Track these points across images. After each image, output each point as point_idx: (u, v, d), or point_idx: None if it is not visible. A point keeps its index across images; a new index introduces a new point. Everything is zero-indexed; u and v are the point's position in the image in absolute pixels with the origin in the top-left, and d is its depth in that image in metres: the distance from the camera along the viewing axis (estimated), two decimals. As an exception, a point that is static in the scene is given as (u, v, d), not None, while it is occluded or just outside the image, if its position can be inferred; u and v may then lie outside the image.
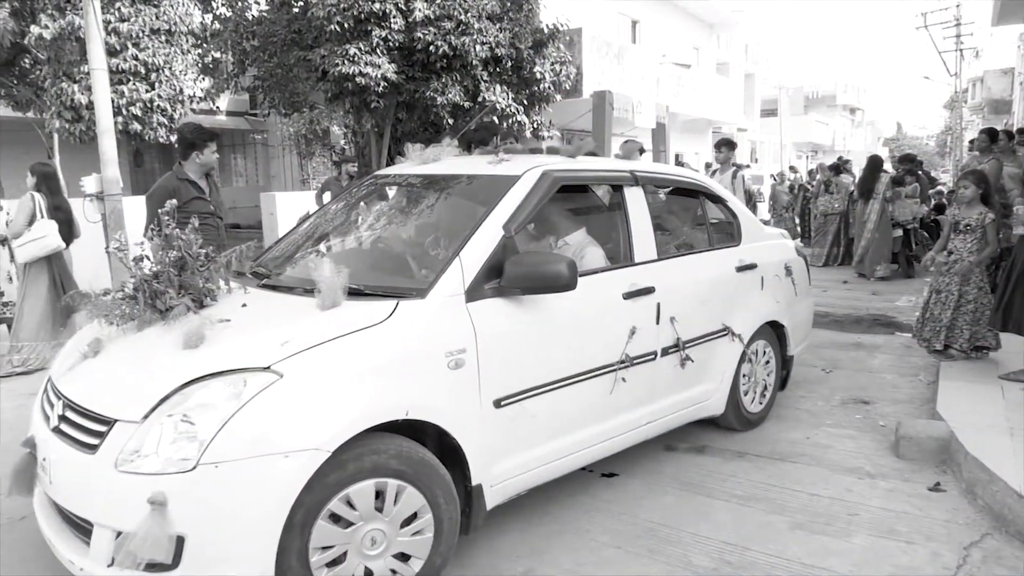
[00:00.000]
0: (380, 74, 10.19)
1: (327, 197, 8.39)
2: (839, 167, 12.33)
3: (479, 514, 2.75)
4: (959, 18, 30.87)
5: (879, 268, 10.02)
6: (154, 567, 2.10)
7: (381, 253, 3.45)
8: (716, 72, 25.02)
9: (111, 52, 10.60)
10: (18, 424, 4.05)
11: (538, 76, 11.75)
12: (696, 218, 4.27)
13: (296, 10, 11.55)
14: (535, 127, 12.45)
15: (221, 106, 16.20)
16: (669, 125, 18.45)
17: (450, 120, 10.81)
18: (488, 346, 2.69)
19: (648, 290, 3.38)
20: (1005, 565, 2.83)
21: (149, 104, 11.72)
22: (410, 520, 2.47)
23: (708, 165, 17.04)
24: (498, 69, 11.28)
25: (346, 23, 10.01)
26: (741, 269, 4.09)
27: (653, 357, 3.43)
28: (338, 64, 10.10)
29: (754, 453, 3.96)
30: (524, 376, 2.85)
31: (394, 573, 2.47)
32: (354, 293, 2.65)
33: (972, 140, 10.92)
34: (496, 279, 2.78)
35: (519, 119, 11.73)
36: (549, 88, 12.09)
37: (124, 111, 11.31)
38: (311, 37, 10.96)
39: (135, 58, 11.34)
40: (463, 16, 10.46)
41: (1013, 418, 3.97)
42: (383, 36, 10.21)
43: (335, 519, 2.30)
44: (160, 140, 12.14)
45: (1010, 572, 2.78)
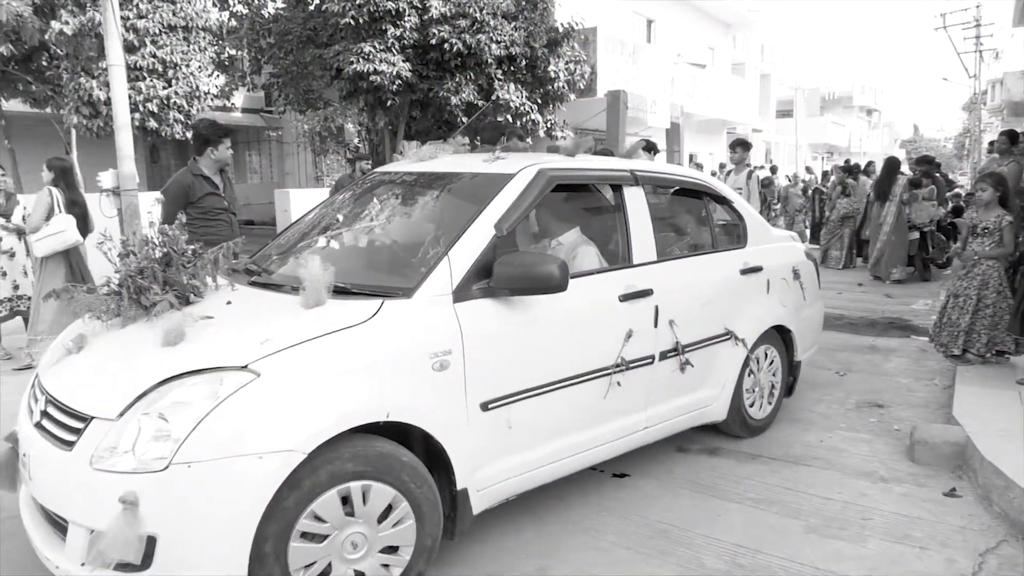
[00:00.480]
0: (395, 71, 10.21)
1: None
2: (851, 169, 12.23)
3: (465, 519, 2.68)
4: (979, 19, 30.50)
5: (895, 271, 9.93)
6: (126, 567, 2.07)
7: (372, 252, 3.40)
8: (731, 72, 24.92)
9: (129, 48, 10.69)
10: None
11: (552, 75, 11.74)
12: (700, 219, 4.15)
13: (312, 8, 11.60)
14: (549, 126, 12.44)
15: (237, 103, 16.29)
16: (683, 125, 18.39)
17: (464, 119, 10.82)
18: (475, 348, 2.63)
19: (646, 292, 3.30)
20: (1021, 573, 2.79)
21: (166, 100, 11.81)
22: (386, 514, 2.42)
23: (722, 166, 16.98)
24: (512, 68, 11.29)
25: (361, 19, 10.04)
26: (746, 272, 3.98)
27: (650, 361, 3.35)
28: (353, 62, 10.13)
29: (768, 456, 3.93)
30: (513, 379, 2.79)
31: (386, 568, 2.45)
32: (342, 292, 2.62)
33: (991, 142, 10.77)
34: (486, 279, 2.73)
35: (533, 118, 11.72)
36: (563, 87, 12.09)
37: (141, 107, 11.41)
38: (326, 35, 11.01)
39: (152, 55, 11.44)
40: (478, 14, 10.47)
41: (1031, 424, 3.92)
42: (398, 35, 10.23)
43: (309, 533, 2.26)
44: (176, 136, 12.24)
45: (1027, 580, 2.75)
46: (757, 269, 4.05)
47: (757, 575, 2.78)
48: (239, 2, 12.90)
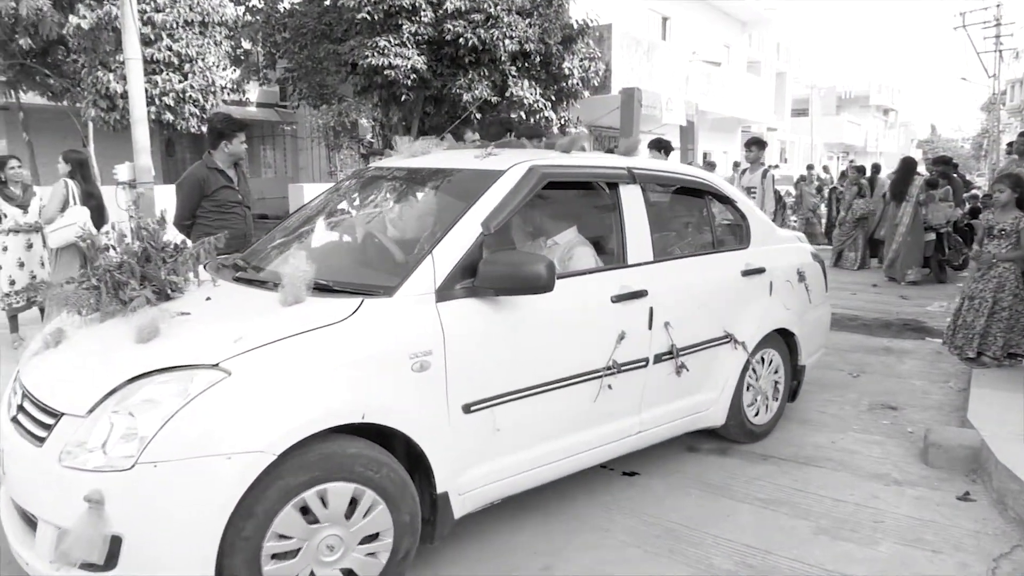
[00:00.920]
0: (409, 65, 10.22)
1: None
2: (862, 169, 12.12)
3: (445, 523, 2.62)
4: (999, 18, 30.16)
5: (910, 272, 9.84)
6: (92, 567, 2.04)
7: (357, 249, 3.34)
8: (747, 70, 24.76)
9: (146, 42, 10.77)
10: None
11: (566, 72, 11.72)
12: (700, 219, 4.04)
13: (327, 3, 11.63)
14: (562, 123, 12.42)
15: (251, 97, 16.37)
16: (698, 123, 18.30)
17: (477, 115, 10.82)
18: (457, 348, 2.57)
19: (640, 293, 3.21)
20: (1036, 578, 2.76)
21: (181, 94, 11.89)
22: (352, 508, 2.37)
23: (736, 164, 16.87)
24: (526, 64, 11.27)
25: (376, 14, 10.05)
26: (747, 273, 3.87)
27: (644, 364, 3.25)
28: (368, 56, 10.15)
29: (778, 456, 3.91)
30: (498, 381, 2.72)
31: (373, 555, 2.43)
32: (324, 290, 2.58)
33: (1010, 143, 10.63)
34: (471, 278, 2.66)
35: (546, 115, 11.70)
36: (577, 84, 12.06)
37: (157, 101, 11.49)
38: (341, 30, 11.04)
39: (169, 48, 11.52)
40: (493, 9, 10.45)
41: (1047, 428, 3.87)
42: (413, 30, 10.24)
43: (285, 533, 2.22)
44: (191, 130, 12.31)
45: (1041, 586, 2.72)
46: (759, 271, 3.94)
47: (766, 576, 2.76)
48: (255, -4, 12.97)
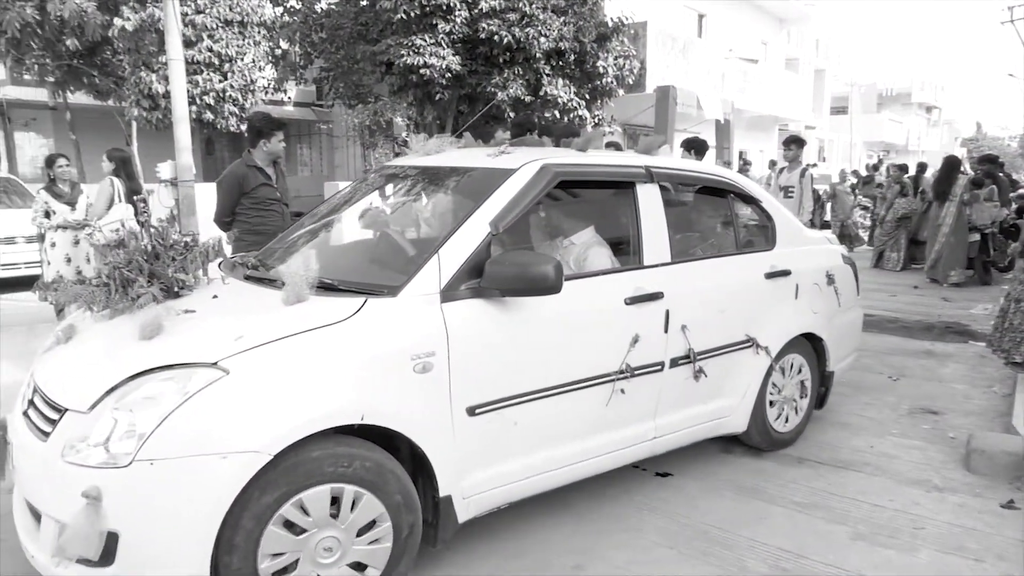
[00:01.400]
0: (444, 64, 10.27)
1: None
2: (906, 167, 11.87)
3: (449, 527, 2.58)
4: (1049, 12, 29.17)
5: (953, 273, 9.60)
6: (90, 562, 2.05)
7: (366, 248, 3.32)
8: (785, 68, 24.38)
9: (187, 43, 11.01)
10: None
11: (601, 70, 11.66)
12: (723, 219, 3.92)
13: (364, 3, 11.75)
14: (596, 122, 12.37)
15: (290, 96, 16.62)
16: (734, 122, 18.06)
17: (511, 114, 10.83)
18: (462, 350, 2.52)
19: (655, 295, 3.13)
20: (1084, 590, 2.68)
21: (221, 94, 12.12)
22: (337, 500, 2.33)
23: (773, 163, 16.62)
24: (561, 63, 11.25)
25: (412, 13, 10.12)
26: (772, 276, 3.74)
27: (659, 368, 3.18)
28: (403, 55, 10.23)
29: (815, 460, 3.85)
30: (504, 383, 2.66)
31: (375, 542, 2.40)
32: (330, 289, 2.57)
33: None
34: (478, 279, 2.61)
35: (580, 114, 11.66)
36: (612, 83, 12.00)
37: (198, 100, 11.73)
38: (377, 30, 11.14)
39: (210, 49, 11.75)
40: (528, 8, 10.45)
41: (1097, 436, 3.75)
42: (448, 29, 10.30)
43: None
44: (231, 129, 12.54)
45: (1089, 598, 2.64)
46: (785, 273, 3.81)
47: (802, 580, 2.73)
48: (293, -3, 13.16)
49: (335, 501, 2.29)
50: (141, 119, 12.00)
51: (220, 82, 12.10)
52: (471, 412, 2.58)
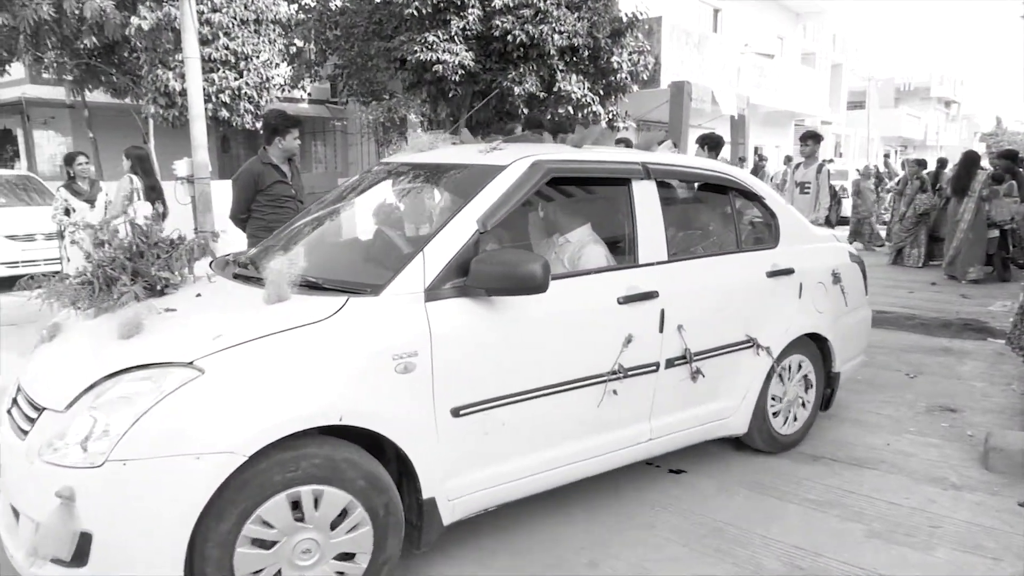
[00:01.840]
0: (457, 61, 10.27)
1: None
2: (925, 163, 11.74)
3: (433, 529, 2.55)
4: (1072, 5, 28.70)
5: (972, 270, 9.50)
6: (64, 562, 2.04)
7: (354, 246, 3.30)
8: (801, 62, 24.15)
9: (203, 41, 11.10)
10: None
11: (615, 66, 11.60)
12: (723, 216, 3.82)
13: (378, 0, 11.77)
14: (611, 118, 12.32)
15: (304, 93, 16.69)
16: (749, 117, 17.92)
17: (525, 110, 10.81)
18: (446, 350, 2.48)
19: (650, 295, 3.06)
20: (1104, 590, 2.65)
21: (237, 92, 12.20)
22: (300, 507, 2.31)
23: (788, 158, 16.49)
24: (575, 59, 11.20)
25: (425, 10, 10.13)
26: (774, 274, 3.66)
27: (654, 369, 3.12)
28: (416, 51, 10.24)
29: (830, 457, 3.83)
30: (490, 384, 2.62)
31: (353, 528, 2.38)
32: (314, 287, 2.55)
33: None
34: (464, 278, 2.57)
35: (594, 110, 11.62)
36: (626, 78, 11.93)
37: (214, 98, 11.82)
38: (391, 27, 11.15)
39: (226, 47, 11.83)
40: (541, 4, 10.42)
41: (1119, 435, 3.70)
42: (461, 26, 10.30)
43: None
44: (246, 126, 12.63)
45: (1109, 598, 2.61)
46: (788, 271, 3.73)
47: (816, 578, 2.72)
48: (307, -5, 13.21)
49: (297, 505, 2.25)
50: (158, 117, 12.11)
51: (236, 80, 12.18)
52: (455, 413, 2.55)
